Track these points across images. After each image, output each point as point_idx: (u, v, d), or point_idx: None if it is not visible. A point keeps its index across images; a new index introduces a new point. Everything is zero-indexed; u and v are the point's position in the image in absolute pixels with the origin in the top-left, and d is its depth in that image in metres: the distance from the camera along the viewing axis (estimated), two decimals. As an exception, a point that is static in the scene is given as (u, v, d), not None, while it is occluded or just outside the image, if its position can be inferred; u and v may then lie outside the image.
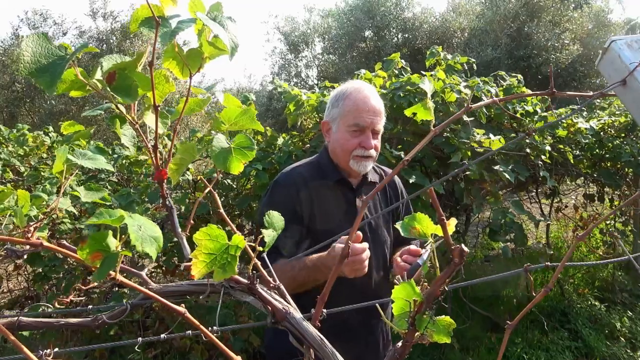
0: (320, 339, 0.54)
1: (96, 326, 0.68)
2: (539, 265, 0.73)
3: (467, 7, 12.64)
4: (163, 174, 0.56)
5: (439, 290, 0.47)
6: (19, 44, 12.94)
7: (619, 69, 0.67)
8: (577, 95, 0.70)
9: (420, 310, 0.48)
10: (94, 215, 0.43)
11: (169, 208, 0.61)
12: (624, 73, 0.66)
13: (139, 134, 0.58)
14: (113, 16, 14.80)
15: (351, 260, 1.26)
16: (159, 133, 0.57)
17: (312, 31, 16.80)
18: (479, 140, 3.00)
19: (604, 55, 0.70)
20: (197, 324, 0.48)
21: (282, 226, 0.61)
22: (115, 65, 0.55)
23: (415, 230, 0.54)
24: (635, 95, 0.65)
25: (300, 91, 3.15)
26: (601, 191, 4.88)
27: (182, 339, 3.07)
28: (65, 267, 3.19)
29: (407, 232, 0.54)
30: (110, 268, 0.42)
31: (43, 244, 0.40)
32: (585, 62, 10.73)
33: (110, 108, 0.85)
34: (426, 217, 0.54)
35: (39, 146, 4.79)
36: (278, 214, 0.63)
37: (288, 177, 1.60)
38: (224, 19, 0.60)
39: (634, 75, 0.64)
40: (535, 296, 0.53)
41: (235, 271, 0.49)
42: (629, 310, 4.42)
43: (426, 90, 0.67)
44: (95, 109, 0.91)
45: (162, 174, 0.56)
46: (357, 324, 1.61)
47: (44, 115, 12.61)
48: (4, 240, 0.44)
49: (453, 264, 0.45)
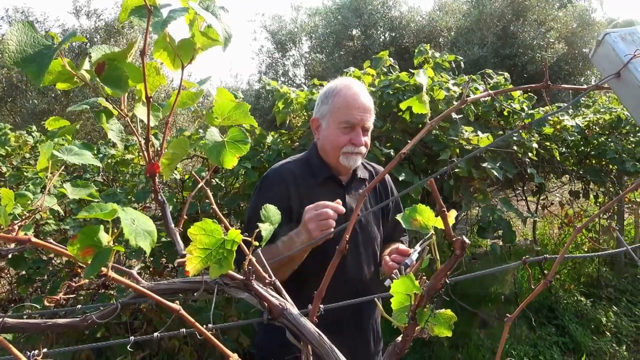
0: (318, 335, 0.53)
1: (85, 326, 0.66)
2: (539, 258, 0.73)
3: (453, 6, 12.74)
4: (155, 168, 0.54)
5: (440, 283, 0.47)
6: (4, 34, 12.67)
7: (613, 61, 0.67)
8: (571, 88, 0.71)
9: (421, 303, 0.48)
10: (85, 209, 0.41)
11: (161, 203, 0.59)
12: (618, 66, 0.66)
13: (130, 127, 0.56)
14: (97, 14, 14.60)
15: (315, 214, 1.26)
16: (151, 126, 0.56)
17: (300, 30, 16.77)
18: (467, 138, 3.02)
19: (598, 48, 0.70)
20: (192, 321, 0.47)
21: (279, 220, 0.60)
22: (104, 56, 0.54)
23: (417, 222, 0.53)
24: (629, 87, 0.65)
25: (289, 89, 3.13)
26: (586, 188, 4.96)
27: (170, 340, 3.04)
28: (50, 269, 3.13)
29: (409, 224, 0.53)
30: (102, 264, 0.41)
31: (31, 239, 0.38)
32: (570, 61, 10.91)
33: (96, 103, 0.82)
34: (427, 209, 0.53)
35: (21, 146, 4.69)
36: (274, 207, 0.62)
37: (277, 173, 1.59)
38: (217, 9, 0.59)
39: (628, 67, 0.64)
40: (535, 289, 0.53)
41: (232, 267, 0.48)
42: (614, 305, 4.49)
43: (422, 83, 0.66)
44: (80, 104, 0.88)
45: (154, 168, 0.54)
46: (349, 320, 1.61)
47: (26, 115, 12.36)
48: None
49: (454, 256, 0.44)
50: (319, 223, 1.28)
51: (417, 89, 3.13)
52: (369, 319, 1.69)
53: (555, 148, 3.86)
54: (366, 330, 1.67)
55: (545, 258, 0.73)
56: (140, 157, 3.69)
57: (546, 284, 0.53)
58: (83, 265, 1.98)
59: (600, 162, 4.29)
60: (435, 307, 0.49)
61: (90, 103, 0.88)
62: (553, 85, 0.69)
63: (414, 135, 3.34)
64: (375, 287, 1.67)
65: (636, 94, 0.63)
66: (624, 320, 4.24)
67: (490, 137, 2.78)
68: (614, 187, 4.76)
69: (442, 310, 0.49)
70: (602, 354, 3.82)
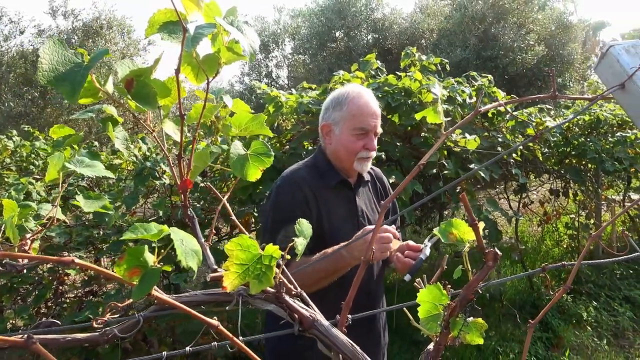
0: (351, 345, 0.54)
1: (105, 341, 0.66)
2: (556, 265, 0.76)
3: (434, 9, 12.91)
4: (188, 184, 0.54)
5: (472, 293, 0.48)
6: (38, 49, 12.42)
7: (617, 73, 0.70)
8: (578, 98, 0.73)
9: (454, 313, 0.49)
10: (130, 230, 0.41)
11: (191, 218, 0.59)
12: (623, 77, 0.69)
13: (158, 143, 0.56)
14: (74, 15, 14.32)
15: (379, 237, 1.33)
16: (176, 141, 0.56)
17: (282, 31, 16.75)
18: (455, 140, 3.07)
19: (602, 60, 0.73)
20: (230, 336, 0.47)
21: (311, 233, 0.61)
22: (132, 72, 0.54)
23: (453, 236, 0.54)
24: (633, 98, 0.68)
25: (279, 92, 3.14)
26: (566, 187, 5.09)
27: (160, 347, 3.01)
28: (36, 278, 3.06)
29: (446, 238, 0.55)
30: (151, 284, 0.41)
31: (74, 260, 0.38)
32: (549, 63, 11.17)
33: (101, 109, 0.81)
34: (463, 222, 0.55)
35: (1, 151, 4.57)
36: (307, 221, 0.62)
37: (291, 180, 1.61)
38: (241, 24, 0.60)
39: (633, 79, 0.67)
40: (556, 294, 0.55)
41: (272, 282, 0.48)
42: (594, 300, 4.61)
43: (436, 94, 0.68)
44: (85, 111, 0.87)
45: (186, 184, 0.54)
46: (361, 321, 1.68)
47: (1, 118, 12.04)
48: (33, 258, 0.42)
49: (487, 266, 0.46)
50: (381, 245, 1.35)
51: (406, 92, 3.17)
52: (379, 319, 1.76)
53: (538, 149, 3.96)
54: (376, 330, 1.74)
55: (563, 265, 0.76)
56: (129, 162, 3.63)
57: (565, 291, 0.55)
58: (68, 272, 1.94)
59: (580, 161, 4.41)
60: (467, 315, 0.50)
61: (94, 110, 0.86)
62: (560, 95, 0.72)
63: (402, 139, 3.36)
64: (382, 286, 1.78)
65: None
66: (604, 315, 4.37)
67: (478, 139, 2.83)
68: (593, 186, 4.91)
69: (473, 318, 0.51)
70: (584, 348, 3.92)
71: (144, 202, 3.54)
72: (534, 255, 6.12)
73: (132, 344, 2.95)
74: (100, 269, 0.41)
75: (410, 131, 3.25)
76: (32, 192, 3.44)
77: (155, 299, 0.46)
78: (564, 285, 0.56)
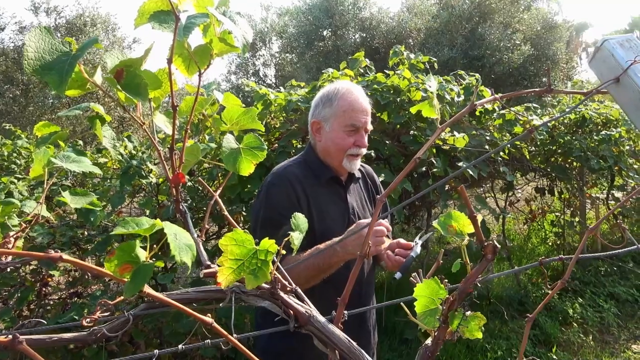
0: (348, 341, 0.53)
1: (93, 340, 0.64)
2: (554, 259, 0.76)
3: (421, 8, 12.97)
4: (180, 177, 0.53)
5: (471, 287, 0.48)
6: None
7: (612, 67, 0.71)
8: (573, 92, 0.73)
9: (453, 307, 0.49)
10: (120, 224, 0.40)
11: (183, 213, 0.57)
12: (617, 71, 0.69)
13: (148, 136, 0.54)
14: (57, 11, 14.07)
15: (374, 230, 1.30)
16: (168, 134, 0.54)
17: (270, 29, 16.67)
18: (443, 138, 3.09)
19: (596, 54, 0.73)
20: (224, 333, 0.46)
21: (306, 228, 0.60)
22: (122, 63, 0.52)
23: (452, 228, 0.54)
24: (628, 92, 0.68)
25: (268, 90, 3.12)
26: (551, 185, 5.16)
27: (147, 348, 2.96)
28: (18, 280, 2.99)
29: (446, 231, 0.54)
30: (144, 281, 0.39)
31: (62, 257, 0.36)
32: (534, 62, 11.31)
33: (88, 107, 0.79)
34: (462, 215, 0.54)
35: (-18, 150, 4.46)
36: (302, 215, 0.61)
37: (282, 177, 1.60)
38: (234, 15, 0.58)
39: (628, 73, 0.67)
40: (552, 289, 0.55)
41: (268, 277, 0.47)
42: (579, 297, 4.68)
43: (432, 89, 0.67)
44: (72, 109, 0.85)
45: (179, 177, 0.53)
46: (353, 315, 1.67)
47: (-18, 117, 11.77)
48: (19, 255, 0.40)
49: (485, 260, 0.45)
50: (376, 239, 1.34)
51: (395, 90, 3.17)
52: (369, 318, 1.75)
53: (525, 147, 4.00)
54: (366, 329, 1.74)
55: (561, 258, 0.76)
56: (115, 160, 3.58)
57: (562, 285, 0.55)
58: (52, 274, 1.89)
59: (566, 159, 4.47)
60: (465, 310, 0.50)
61: (82, 108, 0.84)
62: (555, 90, 0.72)
63: (391, 137, 3.37)
64: (373, 285, 1.77)
65: (635, 99, 0.66)
66: (589, 311, 4.43)
67: (466, 137, 2.85)
68: (578, 184, 4.98)
69: (472, 312, 0.50)
70: (570, 344, 3.98)
71: (130, 201, 3.49)
72: (520, 253, 6.20)
73: (119, 345, 2.90)
74: (90, 266, 0.40)
75: (399, 129, 3.26)
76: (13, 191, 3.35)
77: (147, 295, 0.44)
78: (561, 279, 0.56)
